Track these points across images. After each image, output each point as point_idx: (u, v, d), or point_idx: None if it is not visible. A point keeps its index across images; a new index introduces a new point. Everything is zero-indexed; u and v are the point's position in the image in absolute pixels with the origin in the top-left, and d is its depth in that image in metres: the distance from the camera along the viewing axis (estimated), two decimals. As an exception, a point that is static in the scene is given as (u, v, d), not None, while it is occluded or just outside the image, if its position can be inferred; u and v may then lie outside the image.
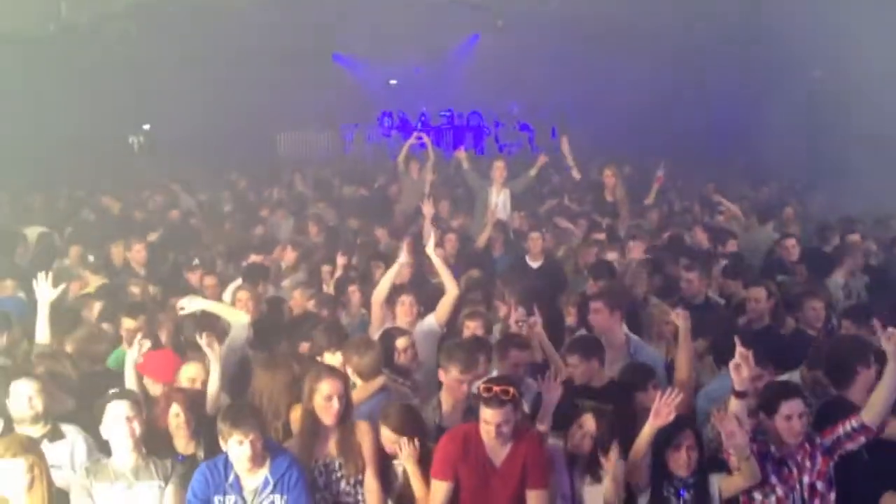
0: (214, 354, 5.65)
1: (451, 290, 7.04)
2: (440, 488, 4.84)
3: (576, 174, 12.00)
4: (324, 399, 5.03)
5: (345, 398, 5.09)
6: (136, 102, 18.69)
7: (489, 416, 4.74)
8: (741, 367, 4.68)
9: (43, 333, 6.45)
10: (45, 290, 6.50)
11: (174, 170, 16.36)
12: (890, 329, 4.85)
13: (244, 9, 17.07)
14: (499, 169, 11.24)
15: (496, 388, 4.74)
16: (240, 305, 7.30)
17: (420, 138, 13.41)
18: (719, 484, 4.93)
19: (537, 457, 4.91)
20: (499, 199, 11.09)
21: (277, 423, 5.37)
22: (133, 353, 5.80)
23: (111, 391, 4.95)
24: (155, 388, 5.79)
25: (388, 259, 8.53)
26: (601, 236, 9.77)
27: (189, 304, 6.66)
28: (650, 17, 16.65)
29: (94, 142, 17.63)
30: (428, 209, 9.88)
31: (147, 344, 5.90)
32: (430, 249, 7.22)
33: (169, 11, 16.57)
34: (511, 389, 4.77)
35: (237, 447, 4.63)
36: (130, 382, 5.71)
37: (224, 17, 17.17)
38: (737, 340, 4.76)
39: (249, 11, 17.21)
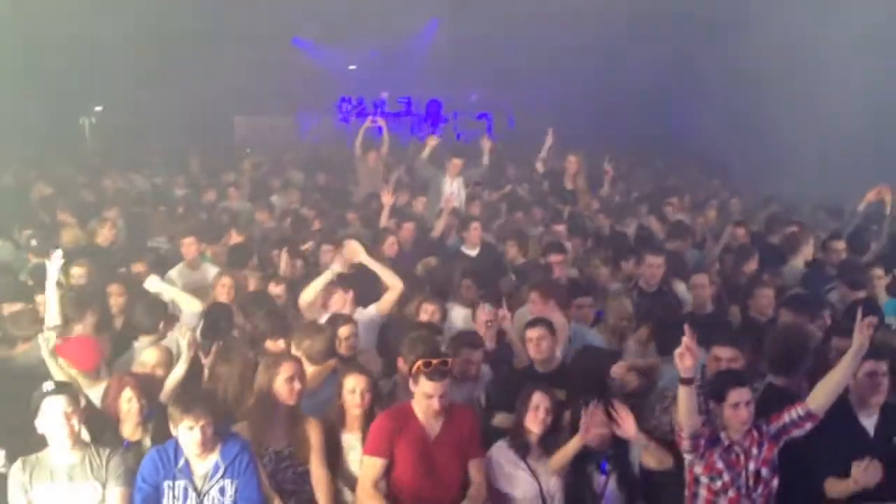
0: (189, 344, 5.58)
1: (395, 286, 7.03)
2: (375, 464, 4.95)
3: (540, 167, 12.05)
4: (285, 381, 5.15)
5: (304, 379, 5.26)
6: (88, 83, 18.36)
7: (430, 389, 4.92)
8: (685, 356, 4.76)
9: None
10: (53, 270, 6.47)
11: (127, 152, 16.15)
12: (868, 319, 4.96)
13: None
14: (455, 165, 11.25)
15: (435, 361, 4.95)
16: (221, 291, 7.31)
17: (375, 121, 13.32)
18: (639, 457, 5.22)
19: (474, 429, 5.17)
20: (452, 188, 11.12)
21: (240, 408, 5.39)
22: (48, 340, 5.60)
23: (47, 385, 4.78)
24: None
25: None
26: (561, 227, 9.83)
27: (151, 286, 6.65)
28: (611, 4, 16.78)
29: (43, 122, 17.26)
30: (387, 198, 9.87)
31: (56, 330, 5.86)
32: (363, 258, 7.10)
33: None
34: (449, 361, 5.03)
35: (187, 432, 4.63)
36: (53, 370, 5.53)
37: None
38: (686, 329, 4.83)
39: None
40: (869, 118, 12.99)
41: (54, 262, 6.50)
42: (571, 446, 5.13)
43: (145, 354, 5.83)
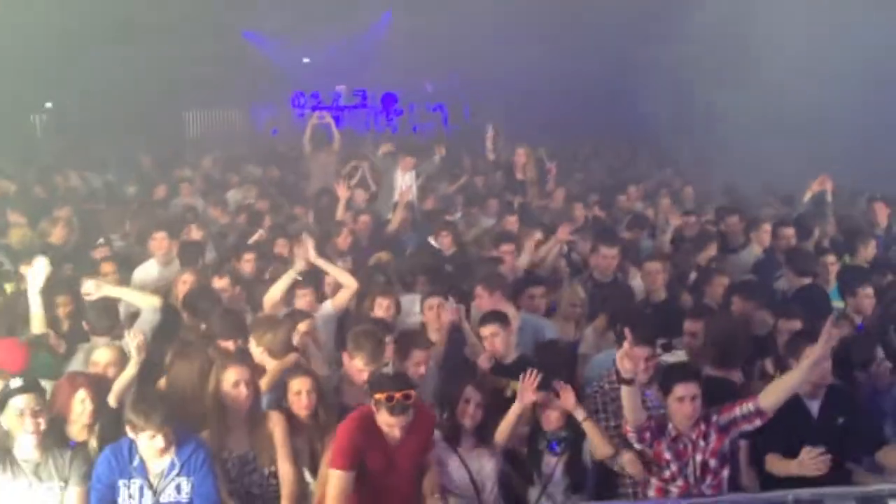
0: (138, 347, 5.42)
1: (349, 284, 6.98)
2: (344, 478, 4.72)
3: (490, 155, 12.14)
4: (231, 386, 5.07)
5: (252, 385, 5.14)
6: (38, 80, 18.06)
7: (391, 422, 4.72)
8: (625, 359, 4.84)
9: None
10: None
11: (79, 149, 15.93)
12: (834, 329, 5.08)
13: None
14: (407, 162, 11.27)
15: (398, 395, 4.71)
16: (183, 289, 7.20)
17: (322, 118, 13.24)
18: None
19: (432, 429, 5.14)
20: (405, 181, 11.16)
21: (192, 409, 5.28)
22: None
23: (14, 382, 4.78)
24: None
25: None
26: (512, 219, 9.89)
27: (95, 291, 6.39)
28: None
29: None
30: (343, 192, 9.85)
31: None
32: (312, 258, 6.95)
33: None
34: (412, 393, 4.78)
35: (148, 440, 4.61)
36: None
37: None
38: (627, 333, 4.91)
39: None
40: (813, 106, 13.24)
41: (37, 270, 6.37)
42: (511, 415, 5.23)
43: (97, 354, 5.74)
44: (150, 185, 12.71)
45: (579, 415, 5.24)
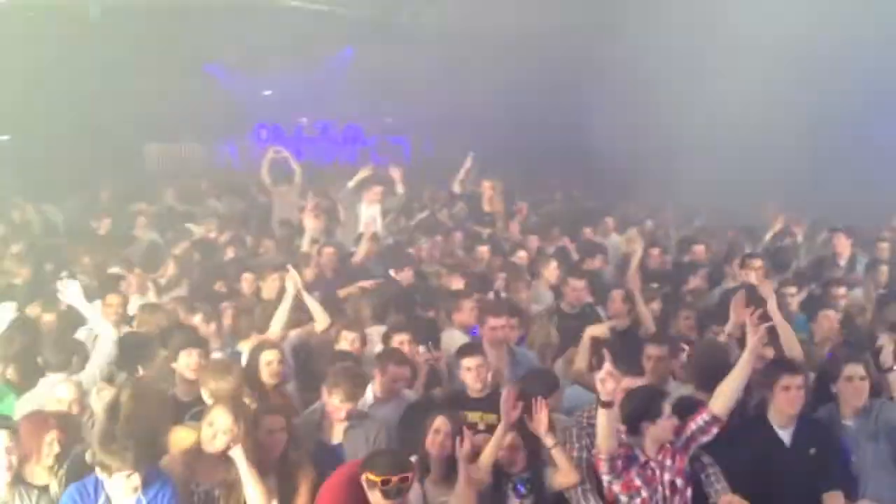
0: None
1: (323, 321, 6.99)
2: None
3: (457, 188, 12.14)
4: (207, 424, 5.01)
5: (230, 434, 4.99)
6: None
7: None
8: (606, 381, 4.83)
9: None
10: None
11: (36, 182, 15.69)
12: (756, 320, 5.20)
13: (109, 17, 16.61)
14: (374, 192, 11.27)
15: (395, 479, 4.62)
16: (108, 311, 7.17)
17: (279, 152, 13.16)
18: (550, 479, 5.25)
19: None
20: (369, 213, 11.15)
21: (152, 447, 5.19)
22: None
23: None
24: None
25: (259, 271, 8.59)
26: (485, 248, 9.91)
27: (66, 291, 6.40)
28: (526, 29, 17.04)
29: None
30: (310, 223, 9.78)
31: None
32: (295, 286, 6.98)
33: (27, 17, 15.98)
34: (409, 475, 4.71)
35: (124, 480, 4.50)
36: None
37: (88, 26, 16.64)
38: (605, 354, 4.92)
39: (115, 20, 16.75)
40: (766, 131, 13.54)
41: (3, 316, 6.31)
42: (497, 435, 5.18)
43: (60, 391, 5.64)
44: (111, 218, 12.55)
45: (548, 441, 5.19)
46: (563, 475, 5.20)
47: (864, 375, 5.66)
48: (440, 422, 5.23)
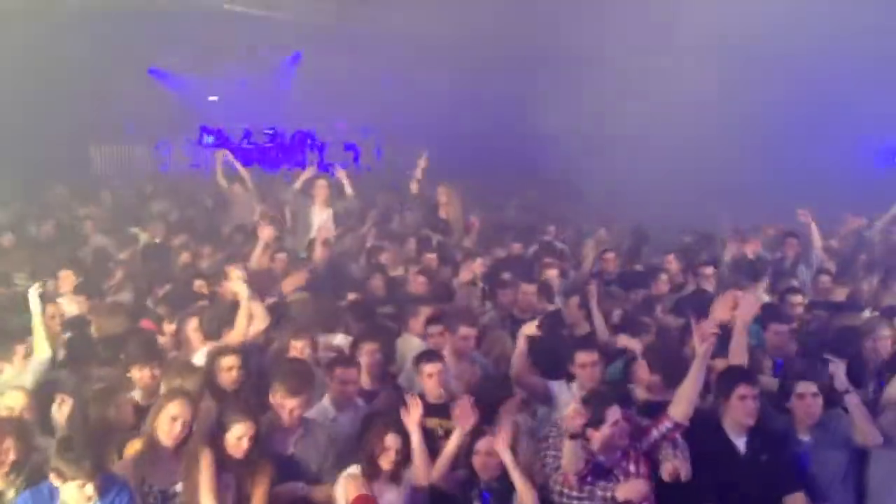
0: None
1: (262, 319, 6.83)
2: None
3: (414, 188, 12.05)
4: (169, 418, 4.98)
5: (189, 424, 5.06)
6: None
7: None
8: (574, 418, 4.94)
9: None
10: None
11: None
12: (704, 330, 5.30)
13: (55, 20, 16.33)
14: (321, 188, 11.18)
15: None
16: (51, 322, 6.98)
17: (226, 157, 12.96)
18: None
19: None
20: (322, 218, 11.05)
21: (113, 453, 5.14)
22: None
23: None
24: None
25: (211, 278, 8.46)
26: (432, 256, 9.90)
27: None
28: (481, 35, 17.12)
29: None
30: (264, 232, 9.66)
31: None
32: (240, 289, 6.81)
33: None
34: None
35: (77, 490, 4.44)
36: None
37: (35, 28, 16.33)
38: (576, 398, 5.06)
39: (62, 23, 16.47)
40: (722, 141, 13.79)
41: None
42: (451, 445, 5.25)
43: (9, 398, 5.52)
44: (56, 221, 12.28)
45: (506, 458, 5.18)
46: (522, 496, 5.17)
47: (817, 392, 5.73)
48: (391, 439, 5.23)
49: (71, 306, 8.03)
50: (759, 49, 14.28)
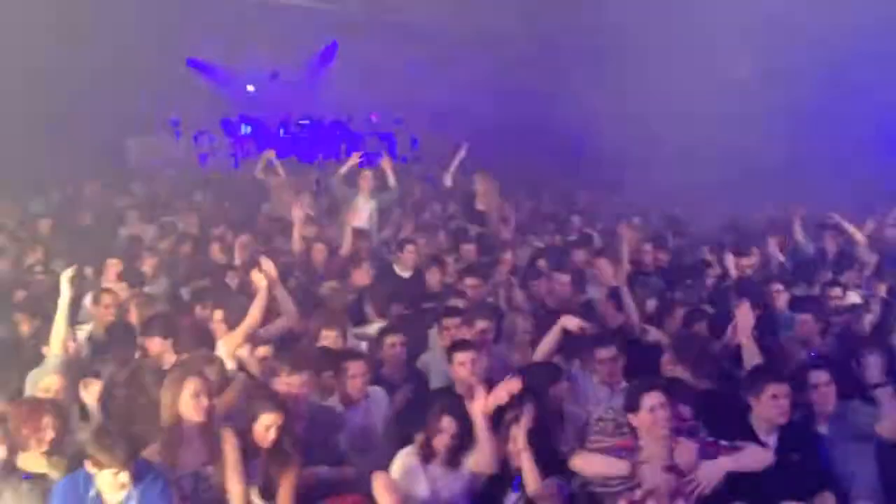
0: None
1: (290, 315, 6.87)
2: None
3: (448, 180, 12.02)
4: (191, 397, 4.98)
5: (211, 397, 5.10)
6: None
7: None
8: None
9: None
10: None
11: (19, 176, 15.55)
12: None
13: (91, 13, 16.52)
14: (365, 178, 11.17)
15: None
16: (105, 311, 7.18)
17: (272, 162, 13.02)
18: None
19: None
20: (365, 209, 11.04)
21: (146, 439, 5.15)
22: None
23: None
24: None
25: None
26: (470, 247, 9.86)
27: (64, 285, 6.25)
28: (513, 26, 17.07)
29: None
30: (297, 212, 9.66)
31: None
32: (269, 277, 6.74)
33: (7, 10, 15.84)
34: None
35: (112, 477, 4.47)
36: None
37: (71, 19, 16.54)
38: None
39: (99, 14, 16.66)
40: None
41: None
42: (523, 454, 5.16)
43: (47, 380, 5.61)
44: (93, 211, 12.43)
45: (519, 443, 5.17)
46: (527, 481, 5.17)
47: (829, 381, 5.68)
48: (447, 422, 5.25)
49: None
50: (799, 32, 14.06)
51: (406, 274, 9.29)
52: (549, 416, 5.65)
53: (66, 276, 6.21)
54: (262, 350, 6.14)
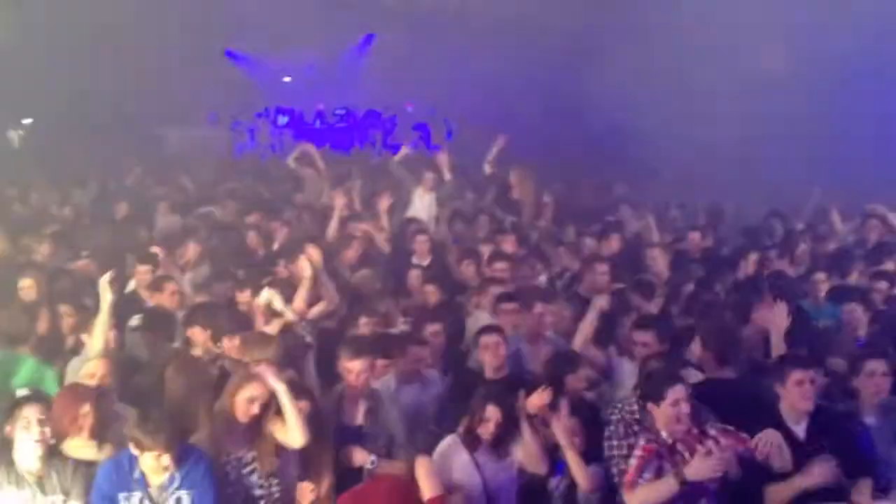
0: None
1: (331, 300, 6.99)
2: None
3: (487, 168, 11.96)
4: (245, 401, 5.02)
5: (265, 404, 5.08)
6: (16, 96, 17.88)
7: None
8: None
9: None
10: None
11: (57, 166, 15.76)
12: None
13: (133, 2, 16.70)
14: (428, 180, 11.15)
15: None
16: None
17: (307, 153, 13.04)
18: None
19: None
20: (423, 203, 11.06)
21: (191, 423, 5.22)
22: None
23: (21, 391, 4.86)
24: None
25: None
26: (506, 237, 9.80)
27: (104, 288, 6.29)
28: (549, 15, 16.98)
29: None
30: (339, 199, 9.67)
31: None
32: (306, 270, 6.90)
33: (50, 2, 16.09)
34: None
35: (154, 460, 4.54)
36: None
37: (111, 10, 16.73)
38: None
39: (138, 5, 16.84)
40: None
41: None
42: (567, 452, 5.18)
43: (91, 365, 5.67)
44: (133, 201, 12.54)
45: (562, 440, 5.20)
46: (578, 479, 5.20)
47: (887, 371, 5.61)
48: (491, 410, 5.27)
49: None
50: (836, 26, 13.90)
51: (424, 262, 9.28)
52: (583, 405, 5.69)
53: (105, 281, 6.22)
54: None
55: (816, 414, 5.34)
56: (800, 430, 5.30)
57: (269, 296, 6.76)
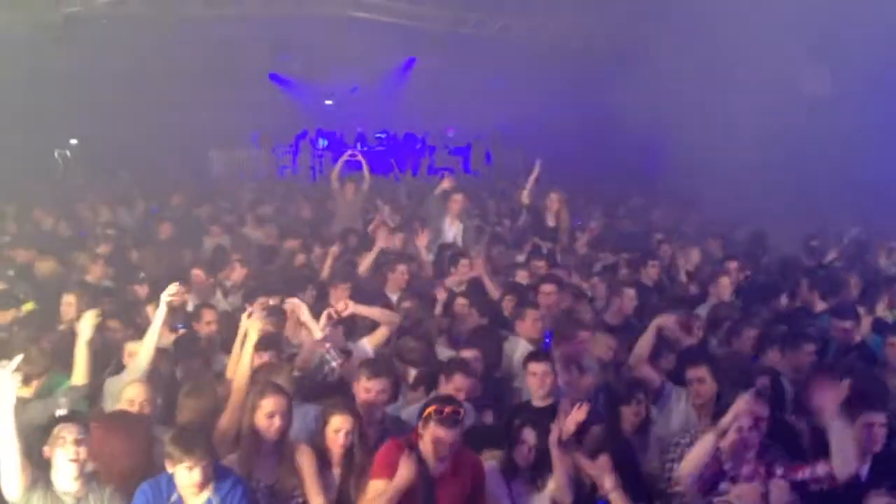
0: None
1: (391, 321, 6.92)
2: (382, 487, 4.78)
3: (525, 197, 11.93)
4: (265, 416, 5.03)
5: (286, 416, 5.09)
6: (64, 116, 18.24)
7: (443, 435, 4.75)
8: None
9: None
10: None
11: (102, 186, 16.04)
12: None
13: (178, 26, 16.99)
14: (456, 202, 11.16)
15: (448, 409, 4.77)
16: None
17: (354, 155, 13.27)
18: None
19: (480, 481, 5.04)
20: (451, 231, 11.09)
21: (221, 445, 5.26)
22: None
23: (59, 412, 4.86)
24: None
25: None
26: (541, 263, 9.81)
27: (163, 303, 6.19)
28: (586, 41, 17.00)
29: (19, 155, 17.10)
30: (383, 241, 9.71)
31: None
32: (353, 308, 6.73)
33: (101, 24, 16.40)
34: (462, 410, 4.83)
35: (186, 472, 4.57)
36: None
37: (157, 34, 17.05)
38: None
39: (184, 29, 17.12)
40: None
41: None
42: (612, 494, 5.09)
43: (130, 391, 5.66)
44: (179, 223, 12.70)
45: (608, 483, 5.04)
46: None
47: None
48: (527, 433, 5.22)
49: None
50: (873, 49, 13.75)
51: (460, 289, 9.24)
52: (625, 437, 5.65)
53: (166, 296, 6.14)
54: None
55: (879, 455, 5.30)
56: (863, 470, 5.23)
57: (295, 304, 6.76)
